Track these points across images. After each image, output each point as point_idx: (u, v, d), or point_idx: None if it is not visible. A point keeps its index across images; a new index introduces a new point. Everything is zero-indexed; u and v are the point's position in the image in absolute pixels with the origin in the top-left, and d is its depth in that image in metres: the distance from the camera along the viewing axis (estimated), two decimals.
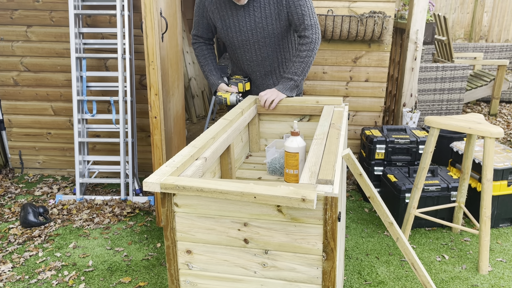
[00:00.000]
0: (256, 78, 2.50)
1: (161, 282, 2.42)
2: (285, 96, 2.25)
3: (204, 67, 2.48)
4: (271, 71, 2.45)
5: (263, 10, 2.21)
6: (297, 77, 2.25)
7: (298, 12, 2.20)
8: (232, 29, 2.29)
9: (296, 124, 1.81)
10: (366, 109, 3.69)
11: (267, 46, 2.33)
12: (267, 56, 2.37)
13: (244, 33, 2.28)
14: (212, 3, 2.30)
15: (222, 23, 2.31)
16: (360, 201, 3.38)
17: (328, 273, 1.23)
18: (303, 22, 2.21)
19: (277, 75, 2.48)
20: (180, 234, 1.32)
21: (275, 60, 2.41)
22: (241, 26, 2.26)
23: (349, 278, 2.44)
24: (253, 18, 2.23)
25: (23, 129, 3.82)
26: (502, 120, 5.38)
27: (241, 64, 2.47)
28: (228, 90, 2.39)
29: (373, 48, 3.52)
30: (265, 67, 2.42)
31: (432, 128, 2.52)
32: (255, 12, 2.22)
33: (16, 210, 3.23)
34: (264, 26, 2.24)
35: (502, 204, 2.89)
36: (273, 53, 2.37)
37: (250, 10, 2.22)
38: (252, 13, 2.22)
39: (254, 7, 2.21)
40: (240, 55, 2.42)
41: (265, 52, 2.35)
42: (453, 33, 7.23)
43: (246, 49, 2.36)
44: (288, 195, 1.13)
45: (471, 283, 2.39)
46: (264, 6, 2.20)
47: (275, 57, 2.39)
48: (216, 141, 1.68)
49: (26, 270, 2.53)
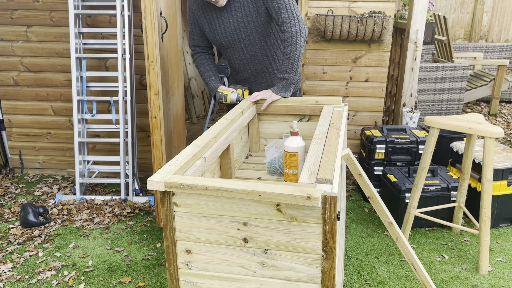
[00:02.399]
0: (248, 76, 2.52)
1: (161, 282, 2.42)
2: (280, 97, 2.25)
3: (203, 74, 2.51)
4: (262, 68, 2.46)
5: (243, 9, 2.24)
6: (288, 75, 2.23)
7: (274, 6, 2.19)
8: (218, 30, 2.33)
9: (295, 124, 1.81)
10: (366, 109, 3.69)
11: (253, 44, 2.35)
12: (255, 54, 2.39)
13: (229, 33, 2.32)
14: (198, 8, 2.35)
15: (209, 26, 2.36)
16: (360, 201, 3.38)
17: (328, 272, 1.23)
18: (280, 15, 2.19)
19: (270, 73, 2.49)
20: (179, 234, 1.32)
21: (264, 58, 2.42)
22: (225, 27, 2.30)
23: (349, 278, 2.44)
24: (235, 17, 2.26)
25: (23, 129, 3.82)
26: (502, 120, 5.38)
27: (233, 64, 2.50)
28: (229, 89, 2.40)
29: (373, 48, 3.52)
30: (255, 65, 2.44)
31: (432, 128, 2.52)
32: (236, 12, 2.25)
33: (16, 210, 3.23)
34: (246, 24, 2.27)
35: (502, 204, 2.89)
36: (261, 50, 2.39)
37: (232, 11, 2.25)
38: (234, 13, 2.26)
39: (235, 7, 2.25)
40: (230, 54, 2.45)
41: (252, 50, 2.37)
42: (453, 33, 7.23)
43: (234, 49, 2.39)
44: (294, 193, 1.13)
45: (471, 283, 2.38)
46: (243, 5, 2.23)
47: (264, 54, 2.40)
48: (216, 141, 1.68)
49: (26, 270, 2.53)
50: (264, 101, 2.25)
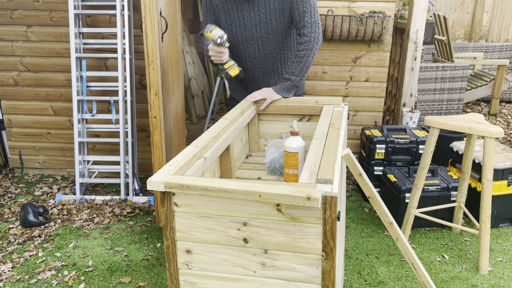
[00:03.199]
0: (258, 76, 2.47)
1: (161, 282, 2.42)
2: (280, 97, 2.22)
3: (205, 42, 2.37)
4: (273, 69, 2.43)
5: (267, 5, 2.20)
6: (295, 77, 2.21)
7: (299, 8, 2.17)
8: (236, 23, 2.27)
9: (295, 124, 1.81)
10: (366, 109, 3.69)
11: (270, 43, 2.32)
12: (269, 53, 2.36)
13: (248, 28, 2.27)
14: None
15: (226, 17, 2.29)
16: (360, 201, 3.38)
17: (328, 273, 1.23)
18: (303, 19, 2.17)
19: (279, 74, 2.46)
20: (179, 234, 1.32)
21: (277, 58, 2.39)
22: (245, 20, 2.25)
23: (349, 278, 2.44)
24: (257, 12, 2.22)
25: (23, 129, 3.82)
26: (502, 120, 5.38)
27: (244, 62, 2.45)
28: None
29: (373, 48, 3.52)
30: (267, 65, 2.41)
31: (432, 128, 2.52)
32: (260, 7, 2.21)
33: (16, 210, 3.23)
34: (268, 21, 2.23)
35: (502, 204, 2.89)
36: (276, 50, 2.36)
37: (254, 5, 2.20)
38: (257, 8, 2.21)
39: (259, 1, 2.21)
40: (243, 51, 2.40)
41: (268, 48, 2.34)
42: (453, 33, 7.23)
43: (249, 45, 2.35)
44: (293, 194, 1.13)
45: (471, 283, 2.38)
46: (269, 1, 2.19)
47: (278, 55, 2.38)
48: (216, 141, 1.68)
49: (26, 270, 2.53)
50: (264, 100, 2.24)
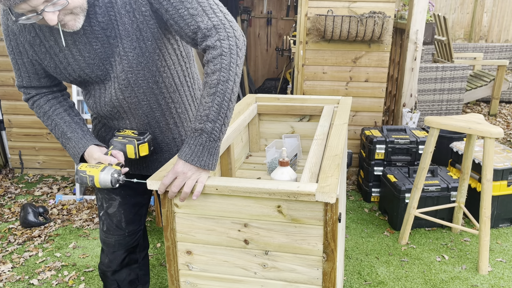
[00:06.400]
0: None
1: (161, 282, 2.42)
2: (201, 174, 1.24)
3: (55, 131, 1.52)
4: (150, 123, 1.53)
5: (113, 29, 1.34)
6: (211, 124, 1.23)
7: (181, 15, 1.27)
8: (73, 65, 1.41)
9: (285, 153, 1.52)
10: (366, 109, 3.69)
11: (134, 85, 1.42)
12: (137, 101, 1.46)
13: (94, 66, 1.40)
14: (25, 30, 1.37)
15: (52, 59, 1.41)
16: (360, 201, 3.38)
17: (329, 274, 1.23)
18: (196, 27, 1.27)
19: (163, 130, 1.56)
20: (180, 235, 1.32)
21: (154, 107, 1.49)
22: (85, 58, 1.38)
23: (349, 278, 2.44)
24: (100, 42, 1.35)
25: (23, 129, 3.81)
26: (502, 120, 5.39)
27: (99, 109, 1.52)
28: (102, 160, 1.41)
29: (373, 48, 3.52)
30: (139, 117, 1.50)
31: (432, 128, 2.52)
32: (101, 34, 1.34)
33: (16, 210, 3.22)
34: (122, 53, 1.36)
35: (502, 204, 2.89)
36: (149, 95, 1.46)
37: (95, 32, 1.34)
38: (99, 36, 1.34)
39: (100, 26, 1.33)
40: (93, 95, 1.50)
41: (133, 94, 1.44)
42: (453, 33, 7.23)
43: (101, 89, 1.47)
44: (294, 194, 1.14)
45: (471, 283, 2.39)
46: (115, 23, 1.33)
47: (153, 100, 1.48)
48: None
49: (26, 270, 2.53)
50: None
